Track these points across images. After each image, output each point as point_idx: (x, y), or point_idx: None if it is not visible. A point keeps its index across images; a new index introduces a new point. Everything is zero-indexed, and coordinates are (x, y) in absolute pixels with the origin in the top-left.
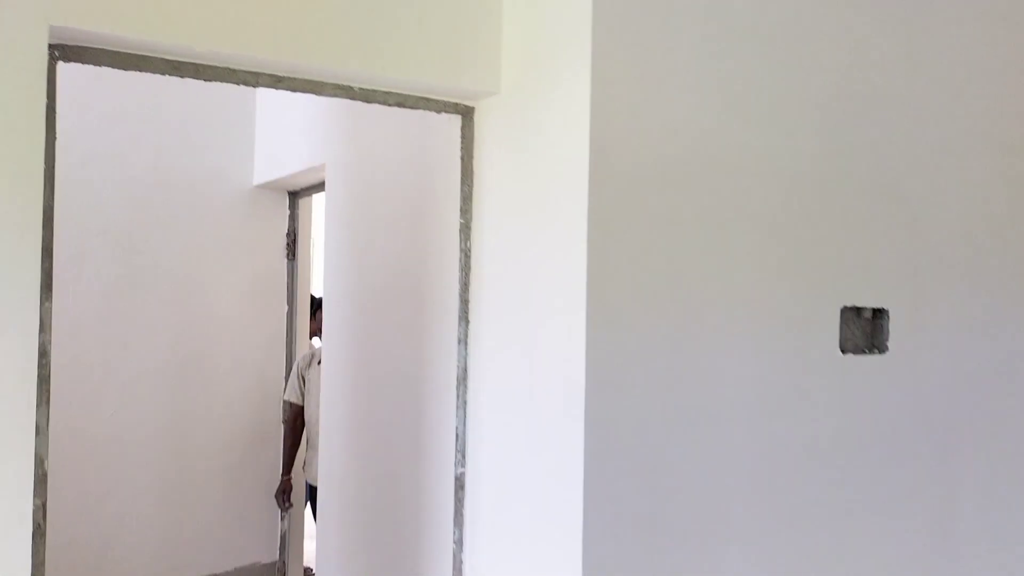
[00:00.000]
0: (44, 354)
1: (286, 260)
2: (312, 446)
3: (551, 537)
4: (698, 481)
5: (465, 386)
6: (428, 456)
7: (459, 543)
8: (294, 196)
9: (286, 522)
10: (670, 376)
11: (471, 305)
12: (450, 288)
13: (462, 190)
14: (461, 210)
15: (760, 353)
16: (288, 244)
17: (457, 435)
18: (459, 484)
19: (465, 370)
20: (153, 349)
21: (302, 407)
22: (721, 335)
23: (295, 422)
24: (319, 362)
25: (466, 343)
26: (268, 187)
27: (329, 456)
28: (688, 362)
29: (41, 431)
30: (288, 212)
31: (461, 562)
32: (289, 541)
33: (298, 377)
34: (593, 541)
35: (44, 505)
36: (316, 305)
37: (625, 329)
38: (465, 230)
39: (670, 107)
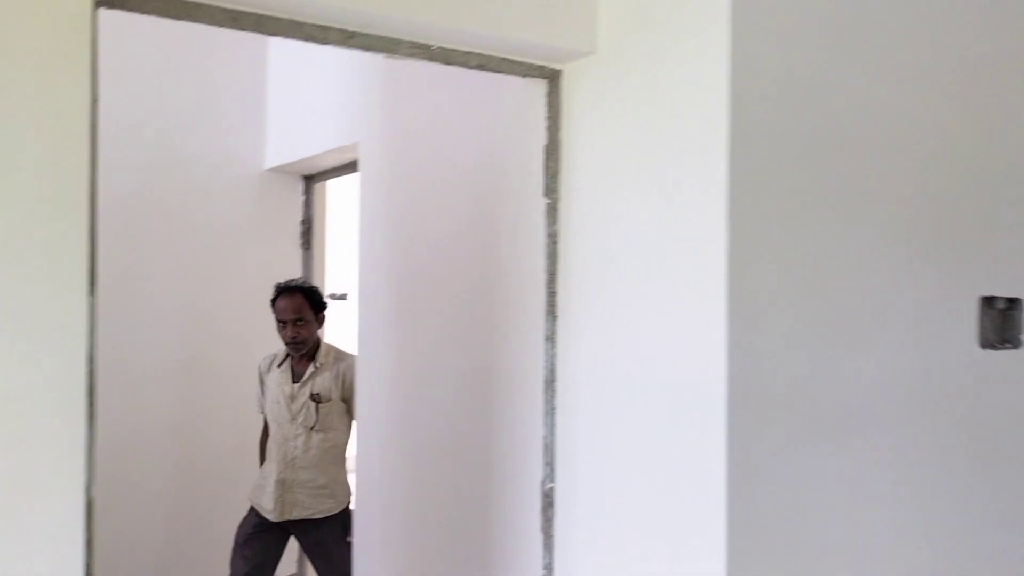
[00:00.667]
0: (91, 360)
1: (301, 250)
2: (268, 462)
3: (680, 562)
4: (842, 495)
5: (553, 389)
6: (503, 470)
7: (549, 568)
8: (309, 181)
9: None
10: (811, 378)
11: (560, 298)
12: (529, 278)
13: (547, 166)
14: (546, 189)
15: (899, 349)
16: (303, 232)
17: (545, 446)
18: (548, 502)
19: (553, 371)
20: (158, 347)
21: None
22: (860, 329)
23: (264, 438)
24: (279, 364)
25: (554, 341)
26: (281, 171)
27: (368, 472)
28: (828, 361)
29: (89, 454)
30: (303, 198)
31: None
32: None
33: (259, 383)
34: (738, 567)
35: (91, 541)
36: (277, 292)
37: (767, 325)
38: (552, 212)
39: (812, 65)
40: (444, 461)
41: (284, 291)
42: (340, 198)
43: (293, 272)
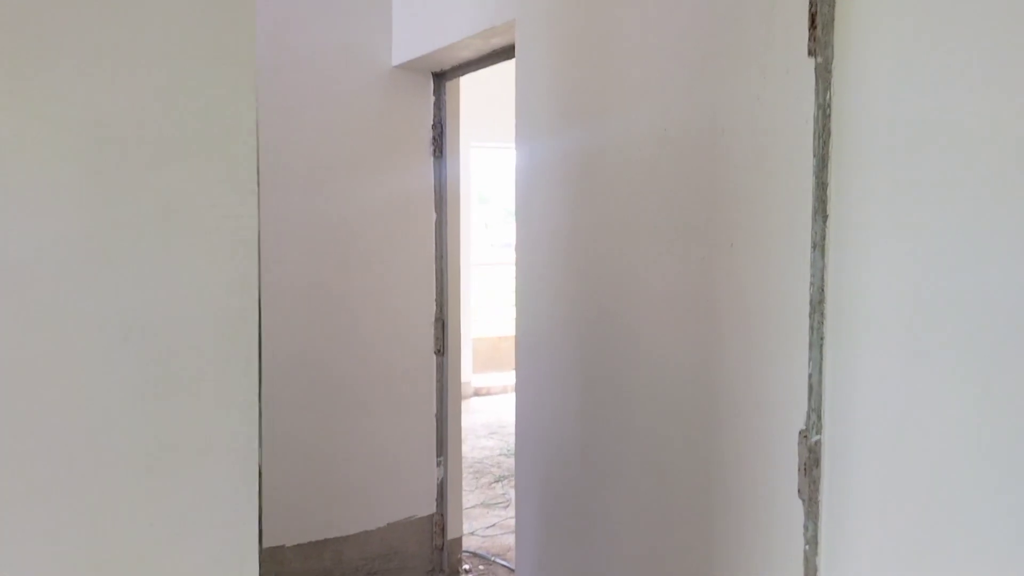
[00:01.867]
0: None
1: (431, 158)
2: None
3: None
4: None
5: (821, 314)
6: (741, 417)
7: (813, 541)
8: (439, 79)
9: (442, 470)
10: None
11: (832, 191)
12: (784, 167)
13: (818, 13)
14: (815, 44)
15: None
16: (434, 138)
17: (810, 387)
18: (812, 459)
19: (822, 290)
20: (281, 264)
21: None
22: None
23: None
24: None
25: (823, 249)
26: (409, 68)
27: (539, 426)
28: None
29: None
30: (433, 99)
31: (816, 569)
32: (447, 491)
33: None
34: None
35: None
36: None
37: None
38: (823, 76)
39: None
40: (654, 404)
41: None
42: (474, 99)
43: (425, 183)
